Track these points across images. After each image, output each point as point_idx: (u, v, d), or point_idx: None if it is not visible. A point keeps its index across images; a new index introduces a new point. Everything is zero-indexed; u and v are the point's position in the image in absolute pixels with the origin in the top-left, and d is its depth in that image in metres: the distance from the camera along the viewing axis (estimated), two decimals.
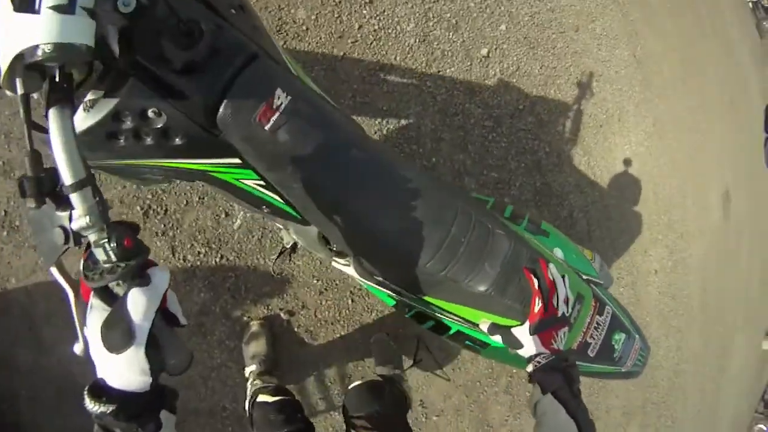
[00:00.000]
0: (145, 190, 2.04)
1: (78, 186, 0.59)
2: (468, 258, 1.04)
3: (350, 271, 1.40)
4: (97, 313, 0.61)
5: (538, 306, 1.06)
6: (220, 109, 0.84)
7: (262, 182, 0.97)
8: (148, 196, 2.08)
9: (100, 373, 0.61)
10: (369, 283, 1.31)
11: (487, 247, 1.05)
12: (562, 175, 3.07)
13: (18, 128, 1.87)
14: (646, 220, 3.70)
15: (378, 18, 2.62)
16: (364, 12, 2.59)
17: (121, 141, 0.83)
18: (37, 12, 0.58)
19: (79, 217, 0.59)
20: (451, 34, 2.75)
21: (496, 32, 2.92)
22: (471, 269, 1.04)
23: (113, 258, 0.59)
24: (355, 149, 1.00)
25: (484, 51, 2.85)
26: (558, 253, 1.41)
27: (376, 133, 2.57)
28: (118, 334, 0.58)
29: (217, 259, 2.19)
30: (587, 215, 3.16)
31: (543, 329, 1.06)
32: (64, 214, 0.60)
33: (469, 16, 2.87)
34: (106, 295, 0.62)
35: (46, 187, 0.59)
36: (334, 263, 1.65)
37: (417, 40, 2.70)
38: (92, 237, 0.59)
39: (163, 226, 2.06)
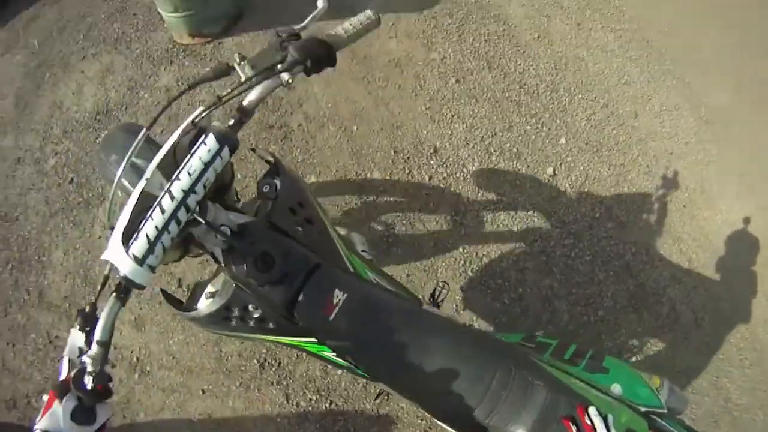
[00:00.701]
0: (260, 344, 2.46)
1: (99, 343, 0.89)
2: (508, 408, 1.17)
3: None
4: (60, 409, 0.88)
5: None
6: (296, 307, 1.13)
7: (335, 353, 1.23)
8: (263, 350, 2.50)
9: None
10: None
11: (526, 398, 1.17)
12: (655, 270, 3.05)
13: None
14: (760, 288, 3.47)
15: (445, 165, 2.85)
16: (431, 162, 2.82)
17: (233, 322, 1.17)
18: (126, 253, 0.91)
19: (90, 356, 0.89)
20: (515, 162, 2.90)
21: (558, 147, 3.02)
22: (510, 418, 1.16)
23: (89, 386, 0.86)
24: (407, 327, 1.24)
25: (550, 170, 2.97)
26: (616, 389, 1.46)
27: (461, 275, 2.75)
28: None
29: (327, 405, 2.50)
30: (690, 305, 3.11)
31: None
32: (84, 346, 0.94)
33: (527, 140, 3.01)
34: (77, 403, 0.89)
35: (87, 326, 0.94)
36: None
37: (484, 178, 2.89)
38: (89, 368, 0.87)
39: (277, 376, 2.48)
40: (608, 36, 3.76)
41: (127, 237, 0.91)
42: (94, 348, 0.89)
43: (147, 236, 0.90)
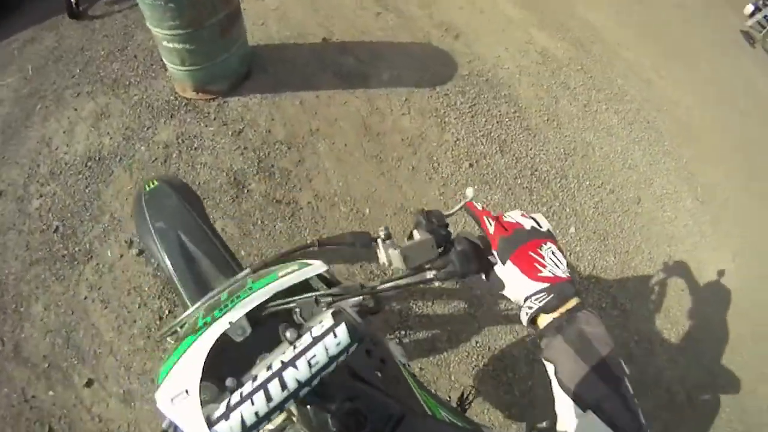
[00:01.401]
0: None
1: None
2: None
3: None
4: None
5: (491, 225, 0.89)
6: None
7: None
8: None
9: None
10: None
11: None
12: (654, 358, 3.14)
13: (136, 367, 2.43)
14: (748, 360, 3.60)
15: None
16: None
17: None
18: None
19: None
20: None
21: (567, 236, 3.12)
22: None
23: None
24: None
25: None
26: None
27: (473, 368, 2.81)
28: None
29: None
30: (684, 385, 3.23)
31: (513, 249, 0.85)
32: None
33: None
34: None
35: None
36: None
37: None
38: None
39: None
40: (612, 118, 3.92)
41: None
42: None
43: (242, 421, 0.74)
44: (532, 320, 0.86)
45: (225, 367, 0.81)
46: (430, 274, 0.90)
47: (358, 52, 4.10)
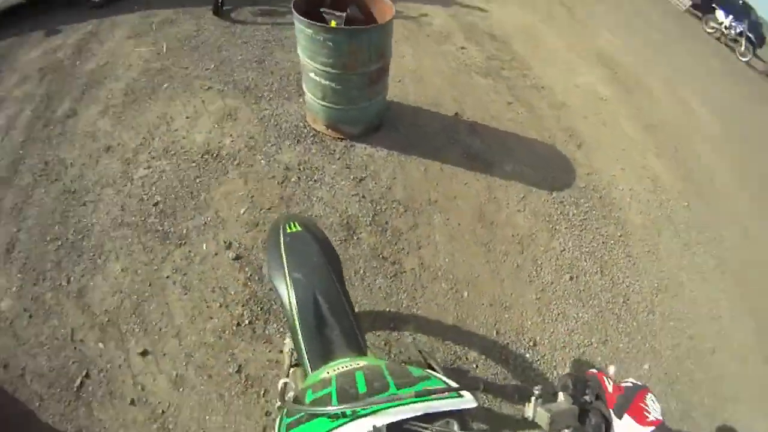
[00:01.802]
0: None
1: None
2: None
3: None
4: None
5: (610, 384, 1.02)
6: None
7: None
8: None
9: None
10: None
11: None
12: None
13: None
14: None
15: (539, 362, 3.08)
16: (527, 355, 3.07)
17: None
18: None
19: None
20: None
21: (640, 371, 3.24)
22: None
23: None
24: None
25: None
26: None
27: None
28: None
29: None
30: None
31: (628, 404, 1.00)
32: None
33: (617, 358, 3.23)
34: None
35: None
36: None
37: None
38: None
39: None
40: (709, 262, 4.01)
41: None
42: None
43: None
44: None
45: None
46: None
47: (487, 136, 4.36)
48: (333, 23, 3.62)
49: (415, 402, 0.87)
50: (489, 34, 6.30)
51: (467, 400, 0.92)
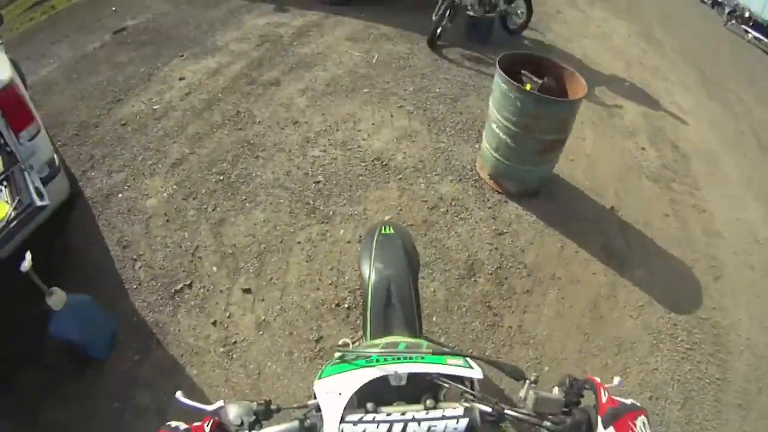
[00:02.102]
0: None
1: None
2: None
3: None
4: None
5: (605, 396, 1.01)
6: None
7: None
8: None
9: None
10: None
11: None
12: None
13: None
14: None
15: None
16: None
17: None
18: None
19: None
20: None
21: None
22: None
23: None
24: None
25: None
26: None
27: None
28: None
29: None
30: None
31: (618, 418, 0.97)
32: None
33: None
34: None
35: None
36: None
37: None
38: None
39: None
40: None
41: None
42: None
43: None
44: None
45: (371, 394, 1.00)
46: (545, 423, 1.02)
47: (632, 238, 4.56)
48: (528, 86, 4.02)
49: (431, 362, 1.05)
50: (673, 143, 6.37)
51: (476, 372, 1.08)
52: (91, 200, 3.62)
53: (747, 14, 21.72)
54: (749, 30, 22.94)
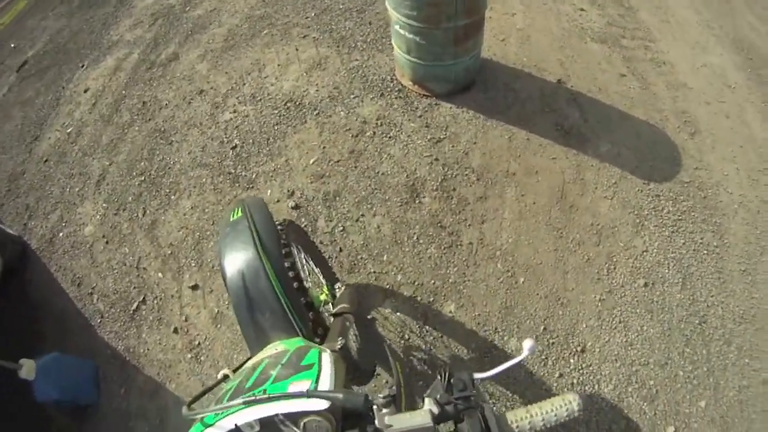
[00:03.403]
0: None
1: None
2: None
3: None
4: None
5: None
6: None
7: None
8: None
9: None
10: None
11: None
12: None
13: None
14: None
15: (581, 371, 2.84)
16: (572, 361, 2.83)
17: None
18: None
19: None
20: (645, 404, 2.83)
21: (693, 408, 2.92)
22: None
23: None
24: None
25: (671, 429, 2.88)
26: None
27: None
28: None
29: None
30: None
31: None
32: None
33: (672, 386, 2.93)
34: None
35: None
36: None
37: (608, 407, 2.82)
38: None
39: None
40: None
41: None
42: None
43: None
44: None
45: None
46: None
47: (588, 109, 4.00)
48: None
49: (274, 393, 0.96)
50: None
51: (312, 403, 0.94)
52: (38, 251, 3.59)
53: None
54: None
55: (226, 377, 1.25)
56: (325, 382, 1.02)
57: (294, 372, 1.07)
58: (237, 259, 1.54)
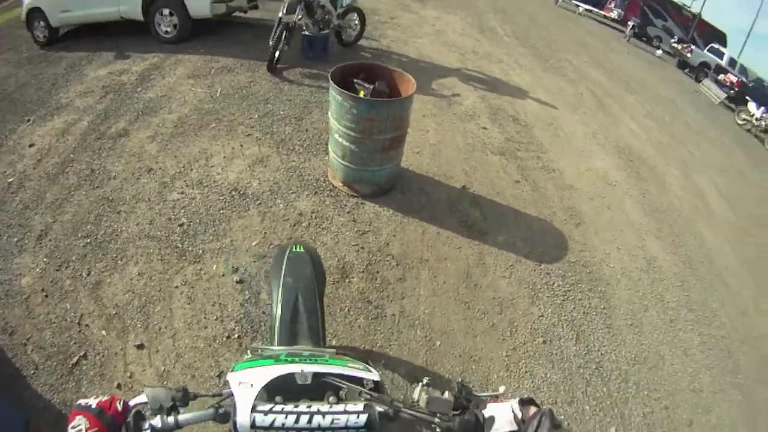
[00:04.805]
0: None
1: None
2: None
3: None
4: None
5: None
6: None
7: None
8: None
9: None
10: None
11: None
12: None
13: None
14: None
15: None
16: None
17: None
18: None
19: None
20: None
21: None
22: None
23: None
24: None
25: None
26: None
27: None
28: None
29: None
30: None
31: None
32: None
33: (581, 419, 3.35)
34: None
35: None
36: None
37: None
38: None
39: None
40: (694, 339, 4.13)
41: None
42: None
43: (272, 422, 1.03)
44: None
45: (280, 389, 1.11)
46: (436, 420, 1.12)
47: (487, 209, 4.77)
48: (361, 93, 4.25)
49: (333, 364, 1.20)
50: (514, 117, 6.84)
51: (373, 375, 1.21)
52: None
53: None
54: (579, 3, 25.79)
55: (255, 350, 1.49)
56: (375, 373, 1.24)
57: (347, 360, 1.27)
58: (298, 279, 1.92)
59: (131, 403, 1.11)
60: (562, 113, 7.46)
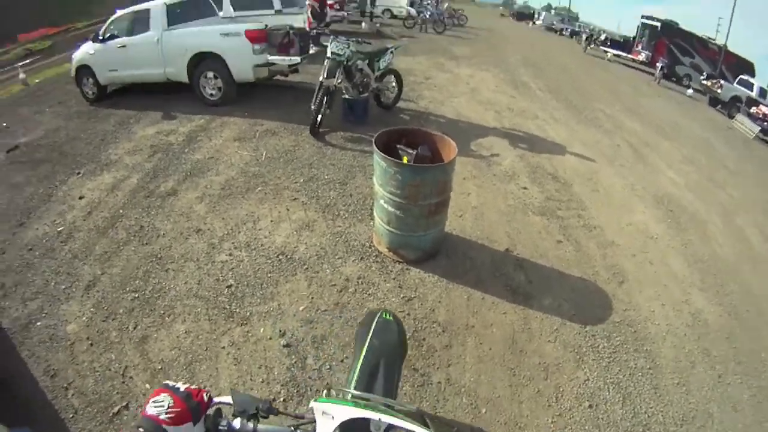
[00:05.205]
0: None
1: None
2: None
3: None
4: None
5: None
6: None
7: None
8: None
9: None
10: None
11: None
12: None
13: None
14: None
15: None
16: None
17: None
18: None
19: None
20: None
21: None
22: None
23: None
24: None
25: None
26: None
27: None
28: None
29: None
30: None
31: None
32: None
33: None
34: None
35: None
36: None
37: None
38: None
39: None
40: (744, 393, 4.07)
41: None
42: None
43: None
44: None
45: (352, 430, 1.24)
46: None
47: (531, 272, 4.89)
48: (405, 159, 4.46)
49: (402, 419, 1.30)
50: (552, 175, 7.00)
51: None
52: (9, 331, 3.64)
53: (603, 36, 24.83)
54: (607, 49, 25.97)
55: (330, 389, 1.71)
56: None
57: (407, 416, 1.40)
58: (385, 342, 2.12)
59: (216, 399, 1.25)
60: (599, 166, 7.58)
